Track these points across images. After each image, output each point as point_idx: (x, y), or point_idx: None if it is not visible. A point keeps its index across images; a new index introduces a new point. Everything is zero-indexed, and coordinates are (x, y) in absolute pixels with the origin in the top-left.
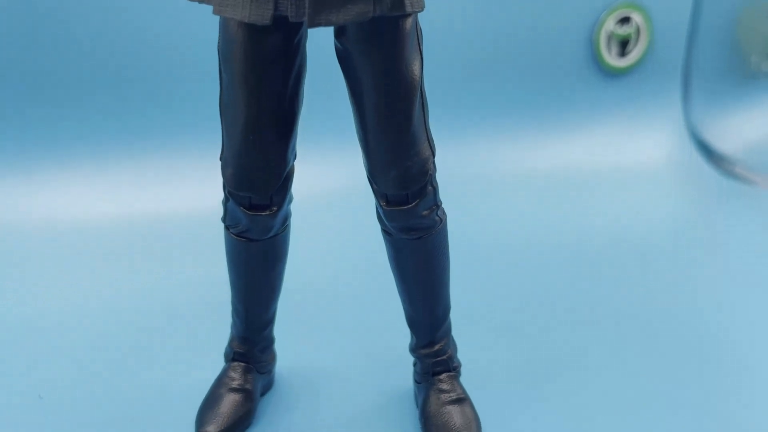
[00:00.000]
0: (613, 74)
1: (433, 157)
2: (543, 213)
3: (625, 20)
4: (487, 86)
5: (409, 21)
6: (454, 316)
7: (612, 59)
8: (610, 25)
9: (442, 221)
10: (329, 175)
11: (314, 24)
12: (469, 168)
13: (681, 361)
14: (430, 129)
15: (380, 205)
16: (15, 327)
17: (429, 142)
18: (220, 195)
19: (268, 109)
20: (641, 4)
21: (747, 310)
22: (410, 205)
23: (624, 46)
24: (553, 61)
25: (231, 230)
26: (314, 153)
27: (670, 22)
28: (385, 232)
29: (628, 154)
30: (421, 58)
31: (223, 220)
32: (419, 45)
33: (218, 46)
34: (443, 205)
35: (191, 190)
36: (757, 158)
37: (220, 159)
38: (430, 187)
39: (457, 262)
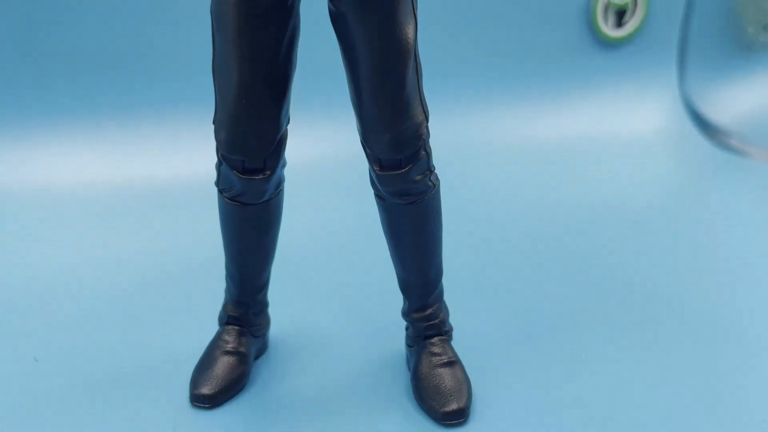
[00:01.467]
0: (609, 44)
1: (427, 122)
2: (538, 182)
3: None
4: (481, 56)
5: None
6: (446, 281)
7: (609, 29)
8: None
9: (435, 186)
10: (323, 139)
11: None
12: (463, 137)
13: (678, 328)
14: (423, 94)
15: (373, 170)
16: (9, 290)
17: (423, 107)
18: (215, 159)
19: (262, 71)
20: None
21: (744, 283)
22: (403, 170)
23: (621, 16)
24: (550, 31)
25: (224, 194)
26: (308, 117)
27: None
28: (378, 196)
29: (623, 124)
30: (416, 22)
31: (217, 183)
32: (413, 9)
33: (211, 7)
34: (437, 171)
35: (187, 153)
36: (751, 130)
37: (213, 122)
38: (423, 152)
39: (451, 229)
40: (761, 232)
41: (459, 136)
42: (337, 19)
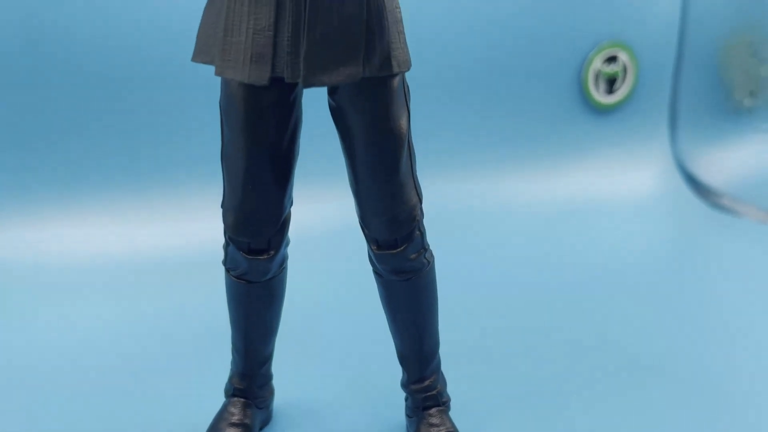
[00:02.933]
0: (601, 111)
1: (420, 203)
2: (532, 247)
3: (612, 59)
4: (474, 123)
5: (397, 80)
6: (445, 350)
7: (600, 96)
8: (597, 63)
9: (430, 263)
10: (325, 218)
11: (308, 85)
12: (457, 203)
13: (673, 391)
14: (417, 177)
15: (371, 249)
16: (19, 360)
17: (416, 190)
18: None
19: (266, 160)
20: (627, 43)
21: (738, 341)
22: (399, 249)
23: (612, 83)
24: (542, 99)
25: (231, 273)
26: (311, 197)
27: (656, 60)
28: (376, 273)
29: (617, 188)
30: (408, 113)
31: (224, 263)
32: (406, 101)
33: (220, 101)
34: (432, 247)
35: (196, 227)
36: (743, 190)
37: (222, 206)
38: (417, 232)
39: (447, 295)
40: (755, 293)
41: (452, 202)
42: (335, 111)
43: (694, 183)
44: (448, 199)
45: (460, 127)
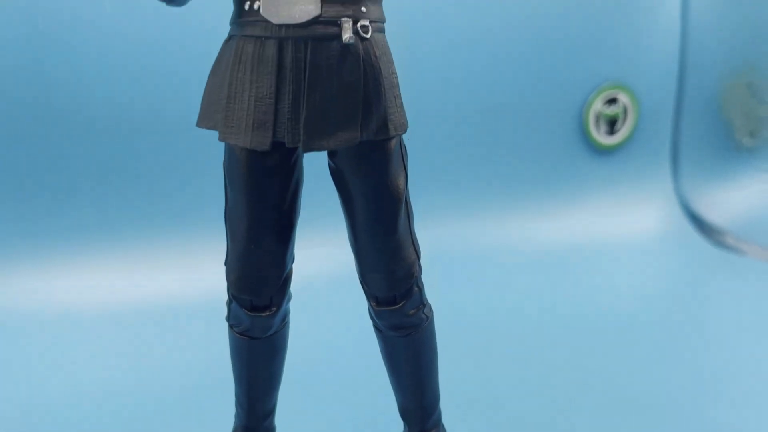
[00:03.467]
0: (603, 151)
1: (419, 260)
2: (535, 287)
3: (612, 101)
4: (478, 165)
5: (394, 142)
6: (446, 395)
7: (601, 137)
8: (597, 105)
9: (429, 318)
10: (330, 266)
11: (308, 149)
12: (461, 244)
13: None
14: (415, 234)
15: (371, 305)
16: (27, 409)
17: (414, 247)
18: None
19: (268, 219)
20: (627, 85)
21: (742, 380)
22: (398, 306)
23: (612, 124)
24: (544, 141)
25: (234, 329)
26: (314, 253)
27: (656, 101)
28: (377, 328)
29: (621, 227)
30: (406, 173)
31: (227, 319)
32: (404, 161)
33: (224, 164)
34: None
35: (203, 278)
36: (746, 228)
37: (225, 264)
38: (416, 288)
39: (451, 338)
40: (759, 332)
41: (455, 245)
42: (335, 173)
43: (697, 222)
44: (452, 241)
45: (464, 170)
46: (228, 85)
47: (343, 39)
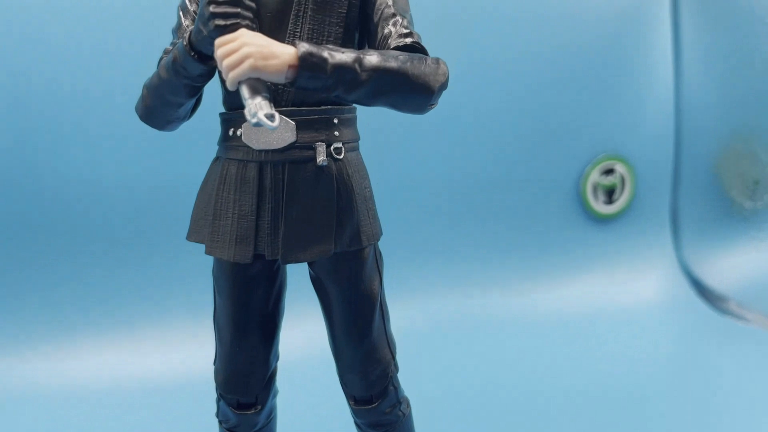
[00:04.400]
0: (602, 220)
1: (394, 359)
2: (537, 358)
3: (609, 171)
4: (476, 236)
5: (367, 250)
6: None
7: (600, 207)
8: (594, 176)
9: (406, 415)
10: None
11: (286, 261)
12: (460, 315)
13: None
14: (391, 335)
15: (349, 404)
16: None
17: (389, 347)
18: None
19: (253, 324)
20: (623, 156)
21: None
22: (374, 405)
23: (610, 194)
24: (542, 212)
25: (223, 425)
26: (300, 349)
27: (653, 170)
28: (356, 425)
29: (622, 295)
30: (380, 278)
31: (217, 415)
32: (378, 267)
33: (213, 271)
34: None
35: (196, 363)
36: (749, 295)
37: (213, 364)
38: (391, 387)
39: (450, 410)
40: (762, 400)
41: (456, 315)
42: (315, 281)
43: (700, 288)
44: (452, 311)
45: (464, 241)
46: (214, 203)
47: (317, 162)
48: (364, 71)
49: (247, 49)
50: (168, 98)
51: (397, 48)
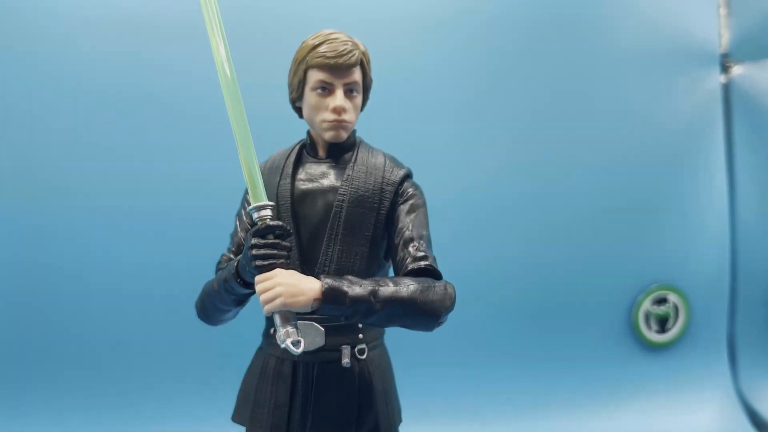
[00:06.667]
0: (655, 348)
1: None
2: None
3: (662, 300)
4: (529, 365)
5: None
6: None
7: (652, 335)
8: (647, 305)
9: None
10: None
11: None
12: None
13: None
14: None
15: None
16: None
17: None
18: None
19: None
20: (676, 286)
21: None
22: None
23: (663, 323)
24: (594, 340)
25: None
26: None
27: (708, 298)
28: None
29: (677, 425)
30: None
31: None
32: None
33: None
34: None
35: None
36: None
37: None
38: None
39: None
40: None
41: None
42: None
43: (757, 420)
44: None
45: (515, 371)
46: (255, 391)
47: (342, 363)
48: (378, 302)
49: (279, 289)
50: (219, 306)
51: (412, 271)
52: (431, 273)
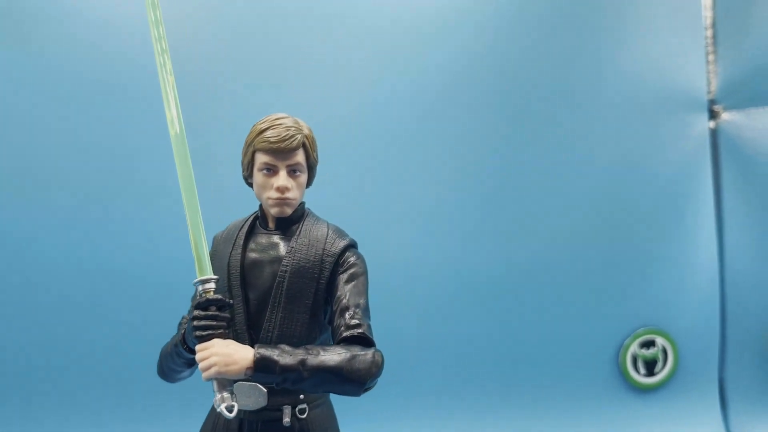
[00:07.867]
0: (642, 391)
1: None
2: None
3: (649, 344)
4: (508, 405)
5: None
6: None
7: (640, 377)
8: (634, 348)
9: None
10: None
11: None
12: None
13: None
14: None
15: None
16: None
17: None
18: None
19: None
20: (664, 329)
21: None
22: None
23: (651, 366)
24: (581, 385)
25: None
26: None
27: (697, 341)
28: None
29: None
30: None
31: None
32: None
33: None
34: None
35: None
36: None
37: None
38: None
39: None
40: None
41: None
42: None
43: None
44: None
45: (501, 415)
46: None
47: (283, 422)
48: (306, 371)
49: (214, 359)
50: (173, 367)
51: (346, 338)
52: (364, 340)
